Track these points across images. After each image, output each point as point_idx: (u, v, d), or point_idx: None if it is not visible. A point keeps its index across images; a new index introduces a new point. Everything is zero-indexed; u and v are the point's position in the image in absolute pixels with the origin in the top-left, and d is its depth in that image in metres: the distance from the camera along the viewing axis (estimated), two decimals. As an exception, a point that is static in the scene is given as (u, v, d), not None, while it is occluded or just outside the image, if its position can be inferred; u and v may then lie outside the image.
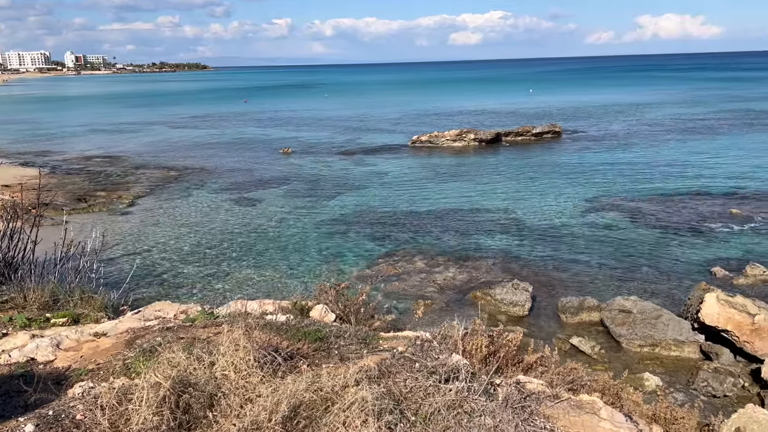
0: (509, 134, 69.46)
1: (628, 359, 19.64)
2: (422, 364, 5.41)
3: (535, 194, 42.94)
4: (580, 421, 4.78)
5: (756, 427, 11.43)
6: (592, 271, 27.68)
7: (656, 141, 65.25)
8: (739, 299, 20.10)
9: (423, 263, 28.93)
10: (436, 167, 54.83)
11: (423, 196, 43.38)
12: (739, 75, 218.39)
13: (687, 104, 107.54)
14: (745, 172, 47.53)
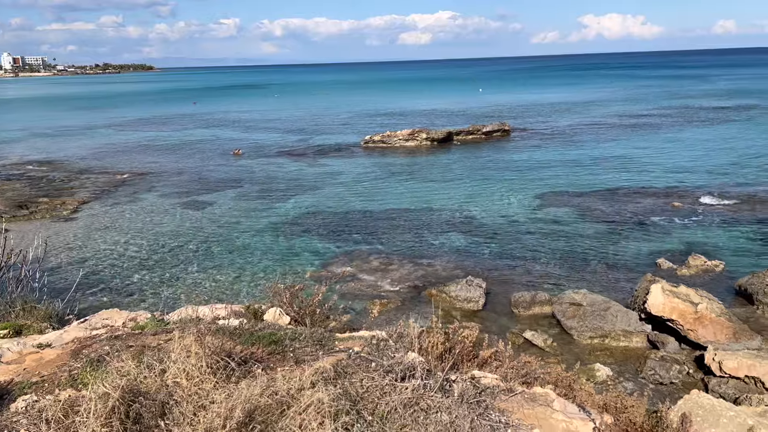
0: (460, 133, 70.26)
1: (579, 351, 20.12)
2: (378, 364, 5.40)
3: (486, 192, 43.56)
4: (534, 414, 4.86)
5: (701, 412, 11.88)
6: (544, 265, 28.26)
7: (601, 137, 67.11)
8: (682, 289, 20.86)
9: (378, 262, 28.97)
10: (389, 167, 54.99)
11: (377, 195, 43.44)
12: (679, 73, 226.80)
13: (630, 101, 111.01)
14: (685, 166, 49.37)
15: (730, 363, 17.19)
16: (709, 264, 26.58)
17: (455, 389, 4.99)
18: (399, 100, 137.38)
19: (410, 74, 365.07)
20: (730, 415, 11.85)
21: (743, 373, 16.95)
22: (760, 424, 11.96)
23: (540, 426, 4.77)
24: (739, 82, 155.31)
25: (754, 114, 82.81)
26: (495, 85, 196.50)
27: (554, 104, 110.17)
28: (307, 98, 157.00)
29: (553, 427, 4.81)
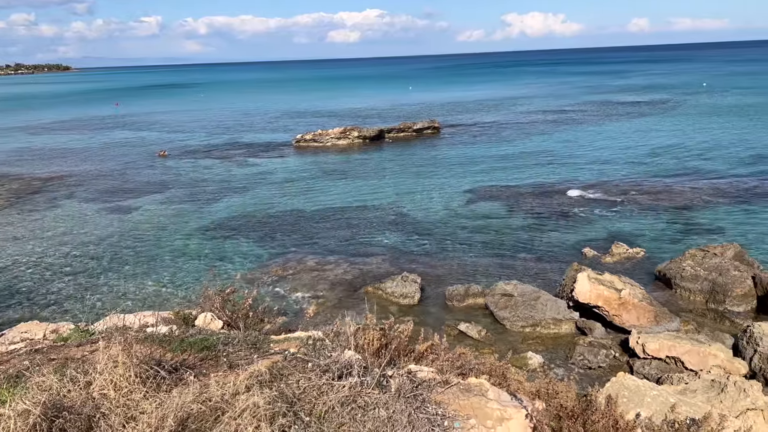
0: (391, 131, 70.72)
1: (512, 340, 20.66)
2: (315, 364, 5.36)
3: (419, 188, 44.03)
4: (469, 404, 4.95)
5: (627, 393, 12.44)
6: (476, 258, 28.84)
7: (527, 132, 69.14)
8: (607, 276, 21.78)
9: (314, 262, 28.77)
10: (322, 166, 54.70)
11: (310, 195, 43.12)
12: (597, 69, 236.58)
13: (553, 97, 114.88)
14: (607, 158, 51.55)
15: (652, 345, 18.09)
16: (630, 251, 27.87)
17: (392, 384, 5.01)
18: (329, 99, 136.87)
19: (340, 72, 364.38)
20: (654, 395, 12.47)
21: (664, 354, 17.87)
22: (681, 401, 12.64)
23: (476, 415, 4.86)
24: (653, 77, 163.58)
25: (667, 108, 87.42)
26: (424, 82, 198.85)
27: (481, 101, 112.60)
28: (235, 97, 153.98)
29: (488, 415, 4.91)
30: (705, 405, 12.89)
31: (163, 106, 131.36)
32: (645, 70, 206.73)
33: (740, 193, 38.27)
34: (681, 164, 47.59)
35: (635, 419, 10.00)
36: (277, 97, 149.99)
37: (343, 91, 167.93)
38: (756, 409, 13.85)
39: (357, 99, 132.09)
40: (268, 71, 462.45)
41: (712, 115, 76.87)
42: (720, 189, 39.29)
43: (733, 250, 24.79)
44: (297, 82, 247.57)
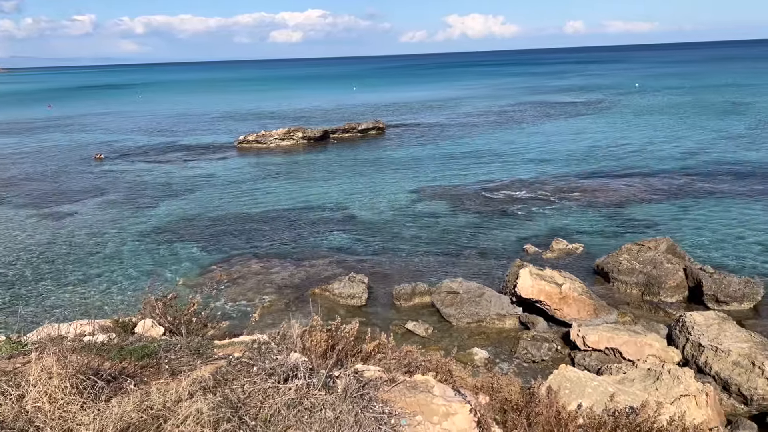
0: (336, 131, 70.57)
1: (458, 336, 20.97)
2: (260, 367, 5.30)
3: (365, 189, 44.09)
4: (415, 401, 5.01)
5: (569, 384, 12.83)
6: (423, 257, 29.12)
7: (470, 132, 70.27)
8: (548, 272, 22.37)
9: (259, 266, 28.40)
10: (266, 167, 54.04)
11: (255, 197, 42.53)
12: (536, 70, 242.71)
13: (494, 98, 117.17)
14: (546, 157, 52.95)
15: (592, 337, 18.70)
16: (570, 247, 28.71)
17: (339, 385, 5.01)
18: (272, 99, 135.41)
19: (283, 72, 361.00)
20: (594, 385, 12.91)
21: (604, 346, 18.50)
22: (620, 390, 13.11)
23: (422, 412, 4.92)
24: (588, 78, 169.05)
25: (602, 108, 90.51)
26: (368, 83, 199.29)
27: (425, 101, 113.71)
28: (174, 98, 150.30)
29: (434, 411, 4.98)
30: (642, 393, 13.42)
31: (98, 107, 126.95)
32: (581, 71, 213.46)
33: (671, 189, 40.00)
34: (616, 162, 49.35)
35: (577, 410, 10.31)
36: (219, 97, 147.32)
37: (286, 91, 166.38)
38: (689, 395, 14.51)
39: (301, 99, 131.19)
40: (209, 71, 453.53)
41: (644, 114, 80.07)
42: (653, 185, 40.95)
43: (665, 244, 25.88)
44: (239, 82, 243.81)
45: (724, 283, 22.24)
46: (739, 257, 27.32)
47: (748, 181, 40.91)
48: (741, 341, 17.54)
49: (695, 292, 22.96)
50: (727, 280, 22.40)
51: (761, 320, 21.18)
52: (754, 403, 16.05)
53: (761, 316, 21.55)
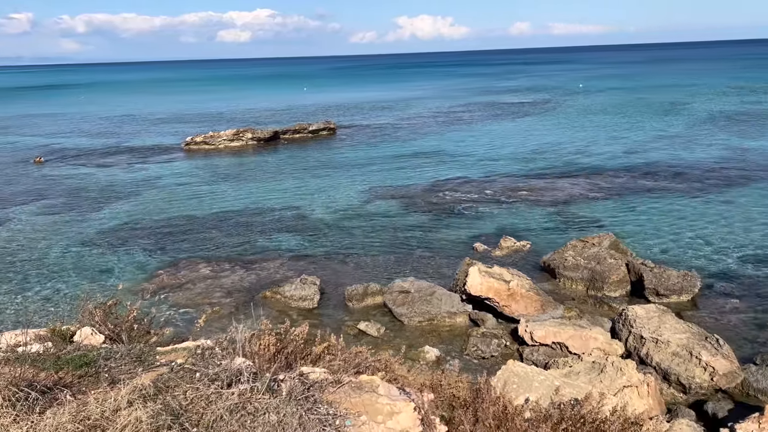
0: (287, 132, 69.99)
1: (410, 335, 21.11)
2: (203, 373, 5.22)
3: (316, 190, 43.89)
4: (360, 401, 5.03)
5: (516, 379, 13.10)
6: (374, 257, 29.18)
7: (421, 133, 70.82)
8: (496, 269, 22.76)
9: (208, 270, 27.90)
10: (214, 169, 53.14)
11: (203, 200, 41.77)
12: (485, 71, 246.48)
13: (444, 98, 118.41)
14: (495, 156, 53.86)
15: (539, 332, 19.13)
16: (518, 244, 29.29)
17: (283, 388, 4.99)
18: (221, 99, 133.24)
19: (231, 72, 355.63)
20: (541, 379, 13.21)
21: (550, 340, 18.95)
22: (566, 384, 13.47)
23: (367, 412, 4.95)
24: (535, 79, 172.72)
25: (548, 108, 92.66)
26: (318, 83, 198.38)
27: (376, 102, 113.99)
28: (118, 98, 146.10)
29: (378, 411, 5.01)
30: (587, 385, 13.82)
31: (38, 108, 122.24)
32: (528, 72, 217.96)
33: (614, 186, 41.30)
34: (562, 161, 50.61)
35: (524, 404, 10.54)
36: (165, 98, 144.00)
37: (235, 91, 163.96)
38: (631, 385, 15.01)
39: (250, 100, 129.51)
40: (154, 71, 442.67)
41: (588, 114, 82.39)
42: (596, 184, 42.19)
43: (608, 240, 26.70)
44: (186, 82, 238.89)
45: (664, 276, 23.09)
46: (677, 252, 28.43)
47: (686, 178, 42.61)
48: (680, 332, 18.26)
49: (637, 286, 23.76)
50: (666, 273, 23.27)
51: (698, 312, 22.11)
52: (692, 392, 16.74)
53: (698, 307, 22.49)
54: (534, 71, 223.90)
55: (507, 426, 7.34)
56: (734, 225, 31.73)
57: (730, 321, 21.26)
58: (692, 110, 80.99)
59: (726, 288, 23.91)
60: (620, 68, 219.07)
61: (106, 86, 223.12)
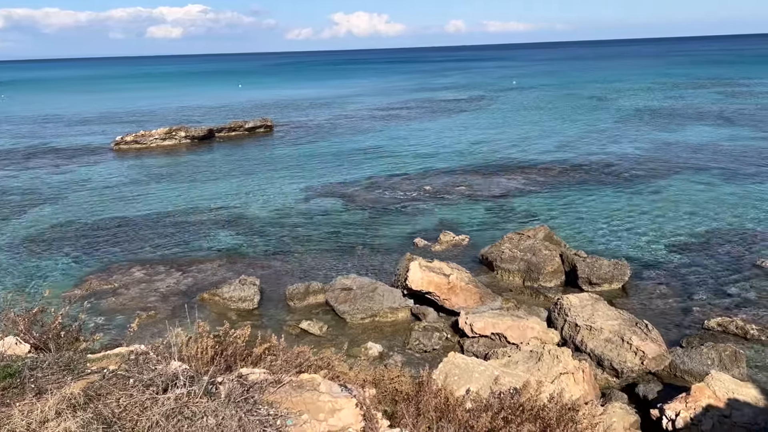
0: (222, 130, 68.56)
1: (353, 332, 21.11)
2: (137, 379, 5.04)
3: (254, 188, 43.22)
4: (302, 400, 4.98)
5: (457, 371, 13.30)
6: (315, 255, 29.00)
7: (359, 129, 70.83)
8: (436, 263, 23.04)
9: (142, 273, 27.02)
10: (147, 169, 51.49)
11: (135, 201, 40.39)
12: (421, 68, 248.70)
13: (382, 95, 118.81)
14: (432, 152, 54.47)
15: (479, 324, 19.50)
16: (457, 239, 29.74)
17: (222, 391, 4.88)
18: (152, 97, 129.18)
19: (162, 69, 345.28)
20: (481, 369, 13.46)
21: (489, 331, 19.35)
22: (505, 373, 13.77)
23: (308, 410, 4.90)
24: (470, 76, 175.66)
25: (483, 104, 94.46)
26: (254, 80, 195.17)
27: (313, 99, 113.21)
28: (43, 97, 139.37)
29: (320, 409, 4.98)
30: (525, 374, 14.19)
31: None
32: (463, 69, 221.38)
33: (547, 180, 42.53)
34: (497, 156, 51.71)
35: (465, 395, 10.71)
36: (92, 96, 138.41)
37: (166, 89, 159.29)
38: (567, 372, 15.52)
39: (182, 97, 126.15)
40: (80, 68, 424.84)
41: (521, 110, 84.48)
42: (531, 177, 43.33)
43: (543, 232, 27.47)
44: (114, 79, 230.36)
45: (596, 266, 23.97)
46: (608, 242, 29.57)
47: (615, 171, 44.33)
48: (612, 319, 19.00)
49: (571, 276, 24.57)
50: (598, 263, 24.15)
51: (629, 299, 23.07)
52: (624, 375, 17.45)
53: (628, 294, 23.46)
54: (469, 68, 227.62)
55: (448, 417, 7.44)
56: (661, 215, 33.25)
57: (657, 307, 22.29)
58: (619, 105, 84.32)
59: (654, 275, 25.04)
60: (551, 65, 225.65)
61: (29, 84, 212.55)
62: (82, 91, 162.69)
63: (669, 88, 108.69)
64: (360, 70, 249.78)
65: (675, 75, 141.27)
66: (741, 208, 33.78)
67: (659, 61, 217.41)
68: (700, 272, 25.13)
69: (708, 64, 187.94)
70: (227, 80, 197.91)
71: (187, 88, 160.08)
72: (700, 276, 24.76)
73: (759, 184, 39.01)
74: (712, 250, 27.67)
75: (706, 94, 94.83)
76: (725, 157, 47.38)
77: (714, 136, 57.33)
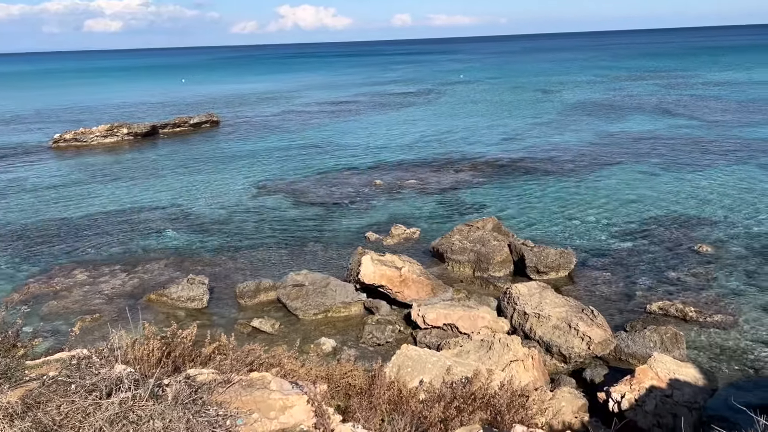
0: (166, 126, 66.90)
1: (306, 329, 20.98)
2: (79, 384, 4.86)
3: (202, 185, 42.37)
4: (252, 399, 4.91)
5: (410, 363, 13.39)
6: (266, 252, 28.66)
7: (308, 124, 70.29)
8: (388, 257, 23.12)
9: (85, 275, 26.13)
10: (88, 168, 49.78)
11: (76, 201, 39.00)
12: (369, 61, 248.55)
13: (331, 88, 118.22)
14: (381, 146, 54.57)
15: (431, 315, 19.69)
16: (408, 232, 29.91)
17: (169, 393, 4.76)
18: (91, 93, 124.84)
19: (102, 64, 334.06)
20: (434, 360, 13.59)
21: (441, 322, 19.56)
22: (457, 363, 13.94)
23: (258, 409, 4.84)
24: (417, 69, 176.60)
25: (431, 98, 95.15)
26: (198, 74, 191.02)
27: (260, 93, 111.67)
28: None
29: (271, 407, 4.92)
30: (476, 363, 14.40)
31: None
32: (411, 62, 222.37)
33: (495, 171, 43.22)
34: (446, 149, 52.21)
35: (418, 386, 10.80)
36: (27, 93, 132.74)
37: (107, 84, 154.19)
38: (517, 360, 15.84)
39: (124, 93, 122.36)
40: (13, 64, 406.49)
41: (468, 103, 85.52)
42: (479, 169, 43.95)
43: (491, 223, 27.92)
44: (51, 75, 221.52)
45: (543, 255, 24.51)
46: (555, 231, 30.29)
47: (559, 162, 45.41)
48: (559, 306, 19.49)
49: (519, 266, 25.06)
50: (545, 252, 24.71)
51: (575, 286, 23.71)
52: (572, 361, 17.94)
53: (574, 282, 24.12)
54: (416, 62, 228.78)
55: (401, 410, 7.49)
56: (604, 204, 34.26)
57: (602, 293, 22.99)
58: (563, 98, 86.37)
59: (598, 263, 25.81)
60: (496, 58, 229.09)
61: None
62: (16, 87, 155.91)
63: (610, 80, 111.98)
64: (308, 64, 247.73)
65: (615, 68, 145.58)
66: (680, 196, 35.16)
67: (599, 54, 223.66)
68: (642, 258, 26.04)
69: (644, 56, 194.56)
70: (170, 75, 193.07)
71: (128, 84, 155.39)
72: (642, 262, 25.66)
73: (696, 172, 40.68)
74: (653, 236, 28.70)
75: (644, 86, 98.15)
76: (664, 147, 49.19)
77: (653, 126, 59.43)
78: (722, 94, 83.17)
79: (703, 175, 39.84)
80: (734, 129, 55.71)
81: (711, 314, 20.53)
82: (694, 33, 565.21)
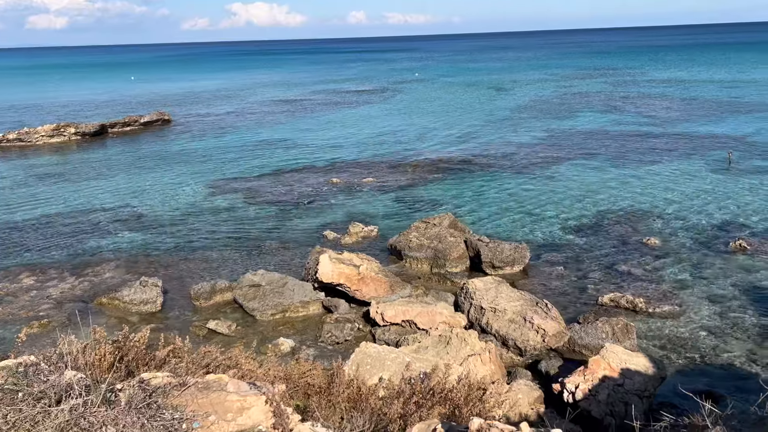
0: (115, 125, 65.15)
1: (263, 329, 20.77)
2: (26, 392, 4.69)
3: (153, 186, 41.42)
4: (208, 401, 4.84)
5: (370, 360, 13.42)
6: (221, 253, 28.23)
7: (263, 122, 69.52)
8: (346, 255, 23.08)
9: (32, 280, 25.24)
10: (33, 169, 48.05)
11: (22, 203, 37.60)
12: (324, 59, 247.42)
13: (285, 86, 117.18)
14: (338, 144, 54.41)
15: (390, 312, 19.75)
16: (366, 230, 29.91)
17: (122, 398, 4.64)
18: (35, 91, 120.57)
19: (46, 61, 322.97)
20: (393, 357, 13.65)
21: (400, 319, 19.65)
22: (415, 359, 14.04)
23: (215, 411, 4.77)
24: (373, 67, 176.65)
25: (387, 96, 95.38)
26: (148, 72, 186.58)
27: (213, 91, 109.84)
28: None
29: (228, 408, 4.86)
30: (435, 358, 14.54)
31: None
32: (366, 60, 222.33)
33: (451, 168, 43.63)
34: (402, 146, 52.43)
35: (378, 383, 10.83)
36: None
37: (52, 82, 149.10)
38: (474, 354, 16.04)
39: (70, 91, 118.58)
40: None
41: (423, 101, 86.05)
42: (436, 167, 44.28)
43: (448, 220, 28.17)
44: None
45: (498, 250, 24.89)
46: (509, 226, 30.79)
47: (513, 158, 46.17)
48: (514, 300, 19.82)
49: (475, 261, 25.38)
50: (500, 247, 25.08)
51: (529, 280, 24.16)
52: (527, 354, 18.28)
53: (529, 276, 24.57)
54: (372, 59, 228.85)
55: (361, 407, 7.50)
56: (556, 199, 35.00)
57: (556, 286, 23.50)
58: (515, 96, 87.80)
59: (552, 257, 26.35)
60: (450, 56, 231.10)
61: None
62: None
63: (560, 78, 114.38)
64: (262, 61, 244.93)
65: (565, 66, 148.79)
66: (628, 191, 36.20)
67: (550, 52, 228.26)
68: (593, 252, 26.72)
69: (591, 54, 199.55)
70: (119, 73, 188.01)
71: (75, 82, 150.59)
72: (594, 256, 26.33)
73: (643, 166, 41.95)
74: (604, 230, 29.48)
75: (593, 84, 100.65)
76: (613, 143, 50.55)
77: (602, 122, 61.03)
78: (667, 91, 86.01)
79: (651, 169, 41.12)
80: (679, 125, 57.71)
81: (659, 305, 21.24)
82: (633, 32, 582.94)
